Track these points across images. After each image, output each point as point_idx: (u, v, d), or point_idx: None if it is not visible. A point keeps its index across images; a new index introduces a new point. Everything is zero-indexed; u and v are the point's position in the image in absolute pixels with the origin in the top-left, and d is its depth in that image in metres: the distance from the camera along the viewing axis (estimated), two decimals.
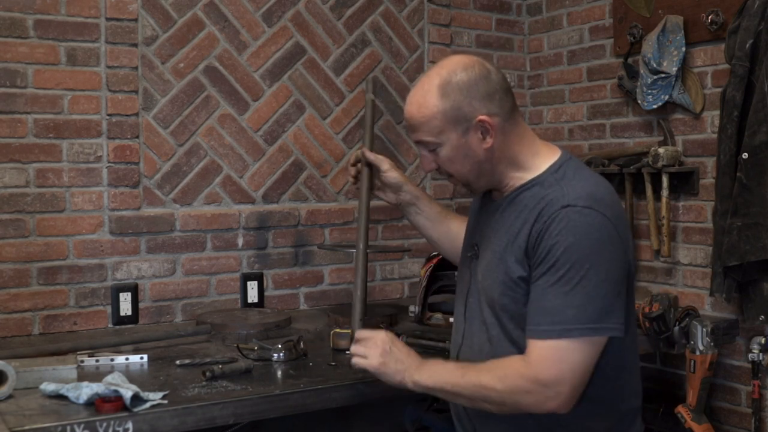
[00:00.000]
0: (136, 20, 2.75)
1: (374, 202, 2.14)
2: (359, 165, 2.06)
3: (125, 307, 2.72)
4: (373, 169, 2.04)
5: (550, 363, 1.52)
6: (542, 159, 1.70)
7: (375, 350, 1.72)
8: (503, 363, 1.59)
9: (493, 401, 1.58)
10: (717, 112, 2.76)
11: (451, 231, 2.05)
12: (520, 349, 1.61)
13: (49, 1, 2.60)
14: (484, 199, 1.81)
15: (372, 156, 2.03)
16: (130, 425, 1.71)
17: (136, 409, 1.73)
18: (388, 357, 1.71)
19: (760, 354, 2.62)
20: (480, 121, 1.63)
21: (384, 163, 2.03)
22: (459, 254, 2.03)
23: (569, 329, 1.51)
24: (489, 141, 1.65)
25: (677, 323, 2.70)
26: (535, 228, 1.59)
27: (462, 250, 1.90)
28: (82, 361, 2.11)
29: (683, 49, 2.88)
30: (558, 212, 1.56)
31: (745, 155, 2.53)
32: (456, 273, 1.94)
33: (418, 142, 1.72)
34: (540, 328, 1.54)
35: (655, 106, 2.96)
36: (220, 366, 2.02)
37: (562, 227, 1.55)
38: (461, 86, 1.63)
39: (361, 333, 1.79)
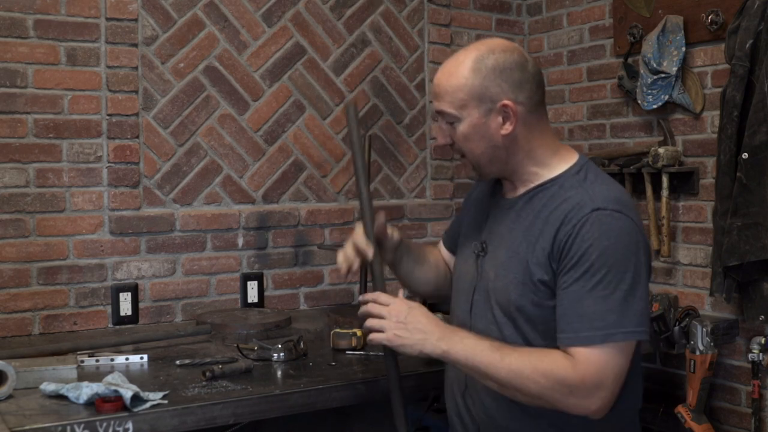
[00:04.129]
0: (136, 20, 2.75)
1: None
2: (364, 253, 1.81)
3: (125, 307, 2.72)
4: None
5: (595, 368, 1.50)
6: (561, 159, 1.69)
7: (389, 322, 1.66)
8: (548, 357, 1.54)
9: (529, 393, 1.54)
10: (717, 112, 2.76)
11: (430, 263, 1.99)
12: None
13: (49, 1, 2.60)
14: (493, 194, 1.78)
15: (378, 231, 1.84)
16: (130, 425, 1.71)
17: (136, 409, 1.73)
18: (404, 330, 1.65)
19: (760, 354, 2.62)
20: (504, 105, 1.61)
21: (387, 231, 1.86)
22: (442, 288, 1.98)
23: (612, 334, 1.50)
24: (508, 127, 1.63)
25: (677, 323, 2.71)
26: (562, 231, 1.56)
27: (461, 244, 1.87)
28: (82, 361, 2.11)
29: (683, 49, 2.88)
30: (589, 215, 1.55)
31: (745, 155, 2.53)
32: (455, 267, 1.88)
33: (440, 113, 1.68)
34: (581, 334, 1.51)
35: (655, 106, 2.96)
36: (220, 366, 2.03)
37: (596, 230, 1.53)
38: (495, 66, 1.61)
39: (376, 296, 1.71)
